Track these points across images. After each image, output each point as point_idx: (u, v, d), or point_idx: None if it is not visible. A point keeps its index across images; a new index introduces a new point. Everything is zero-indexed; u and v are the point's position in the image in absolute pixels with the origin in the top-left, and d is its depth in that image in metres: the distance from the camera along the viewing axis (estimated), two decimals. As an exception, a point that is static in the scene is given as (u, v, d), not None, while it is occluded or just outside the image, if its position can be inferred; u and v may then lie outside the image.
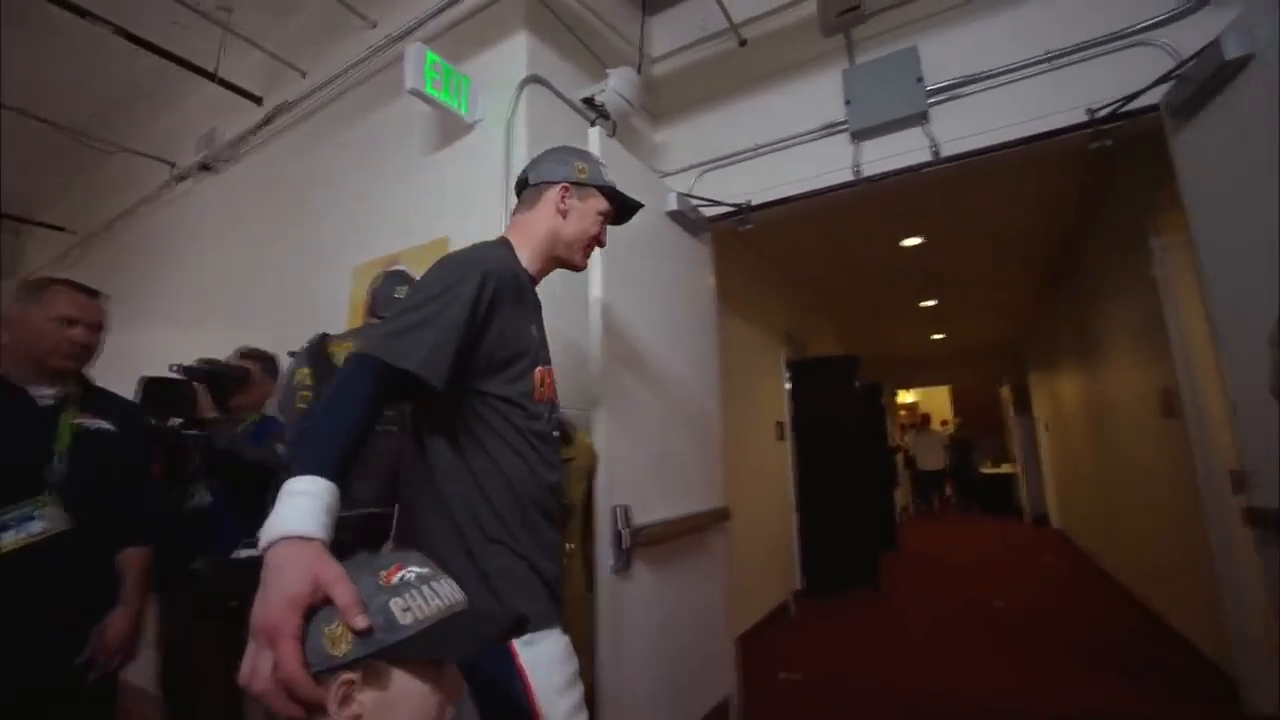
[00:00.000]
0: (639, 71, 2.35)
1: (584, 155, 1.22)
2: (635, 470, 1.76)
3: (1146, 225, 2.83)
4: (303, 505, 0.70)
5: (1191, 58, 1.61)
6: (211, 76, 2.65)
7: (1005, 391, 9.54)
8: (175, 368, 1.93)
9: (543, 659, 0.93)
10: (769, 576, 4.08)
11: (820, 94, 2.35)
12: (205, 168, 2.94)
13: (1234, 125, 1.53)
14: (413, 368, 0.85)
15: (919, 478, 10.09)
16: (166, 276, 3.26)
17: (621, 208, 1.27)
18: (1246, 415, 1.59)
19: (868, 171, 2.21)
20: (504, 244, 1.12)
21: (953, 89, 2.10)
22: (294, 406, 1.48)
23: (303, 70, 2.66)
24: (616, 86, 2.12)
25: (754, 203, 2.42)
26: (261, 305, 2.62)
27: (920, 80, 2.11)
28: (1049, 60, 1.97)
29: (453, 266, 0.98)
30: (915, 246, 4.36)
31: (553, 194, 1.16)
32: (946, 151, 2.08)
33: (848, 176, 2.25)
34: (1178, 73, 1.68)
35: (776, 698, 2.79)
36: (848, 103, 2.23)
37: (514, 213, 1.21)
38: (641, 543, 1.70)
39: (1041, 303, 6.38)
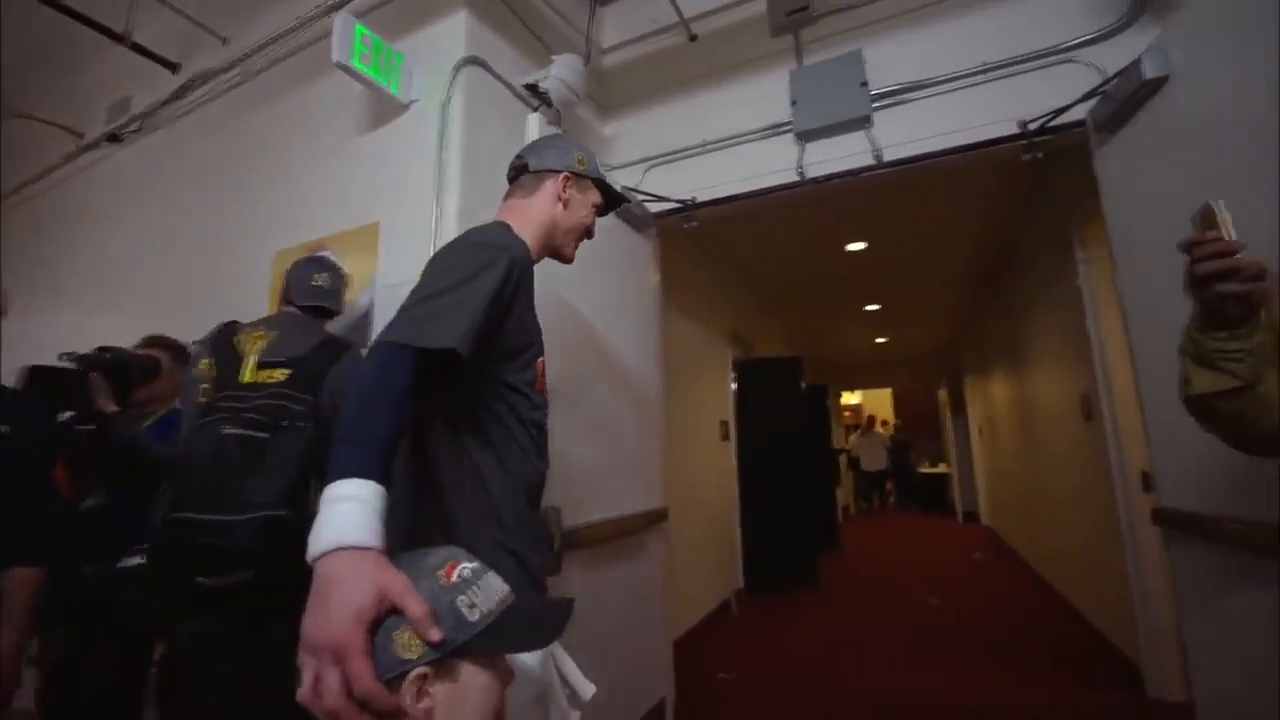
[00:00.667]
0: (587, 61, 2.29)
1: (582, 146, 1.22)
2: (568, 470, 1.71)
3: (1072, 236, 2.96)
4: (355, 512, 0.66)
5: (1114, 76, 1.68)
6: (121, 39, 2.44)
7: (943, 394, 9.93)
8: (67, 356, 1.76)
9: (522, 665, 0.89)
10: (712, 575, 4.10)
11: (767, 94, 2.35)
12: (115, 138, 2.71)
13: (1151, 142, 1.59)
14: (453, 344, 0.80)
15: (862, 477, 10.39)
16: (72, 256, 3.00)
17: (608, 201, 1.27)
18: (1155, 419, 1.66)
19: (812, 173, 2.22)
20: (507, 228, 1.07)
21: (896, 95, 2.13)
22: (194, 400, 1.36)
23: (224, 37, 2.49)
24: (560, 74, 2.06)
25: (699, 199, 2.40)
26: (175, 290, 2.43)
27: (865, 84, 2.13)
28: (985, 72, 2.02)
29: (480, 249, 0.94)
30: (859, 251, 4.46)
31: (554, 183, 1.16)
32: (888, 156, 2.11)
33: (792, 177, 2.25)
34: (1102, 90, 1.74)
35: (713, 698, 2.79)
36: (794, 103, 2.23)
37: (508, 197, 1.19)
38: (574, 545, 1.65)
39: (977, 309, 6.65)
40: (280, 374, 1.38)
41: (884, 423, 10.70)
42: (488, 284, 0.89)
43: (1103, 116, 1.74)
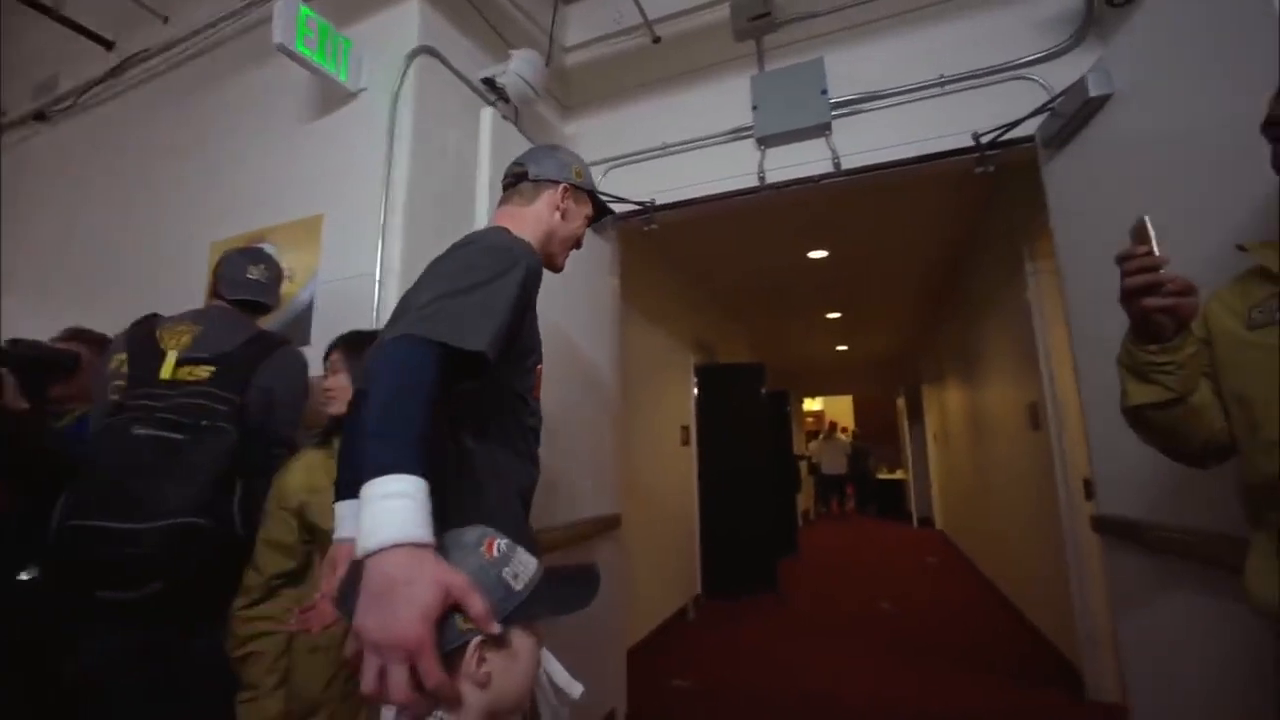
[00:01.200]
0: (549, 59, 2.25)
1: (577, 157, 1.24)
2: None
3: (1022, 250, 3.04)
4: (406, 508, 0.65)
5: (1062, 93, 1.72)
6: (50, 12, 2.30)
7: (901, 402, 10.14)
8: (-29, 348, 1.62)
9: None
10: (670, 581, 4.07)
11: (729, 98, 2.35)
12: (41, 116, 2.54)
13: (1095, 158, 1.63)
14: (483, 348, 0.79)
15: (822, 482, 10.53)
16: (-9, 242, 2.80)
17: (598, 212, 1.28)
18: (1096, 429, 1.70)
19: (772, 179, 2.22)
20: (510, 233, 1.05)
21: (855, 104, 2.14)
22: (105, 398, 1.27)
23: (164, 15, 2.36)
24: (519, 69, 2.01)
25: (659, 202, 2.37)
26: (104, 280, 2.29)
27: (825, 92, 2.14)
28: (941, 85, 2.05)
29: (498, 252, 0.93)
30: (821, 259, 4.51)
31: (553, 193, 1.17)
32: (847, 165, 2.12)
33: (753, 182, 2.25)
34: (1049, 106, 1.78)
35: (667, 706, 2.75)
36: (755, 108, 2.23)
37: (504, 203, 1.19)
38: (520, 552, 1.59)
39: (934, 319, 6.81)
40: (203, 371, 1.30)
41: (843, 430, 10.89)
42: (509, 288, 0.89)
43: (1050, 132, 1.78)
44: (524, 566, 0.68)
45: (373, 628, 0.60)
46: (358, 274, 1.69)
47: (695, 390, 4.79)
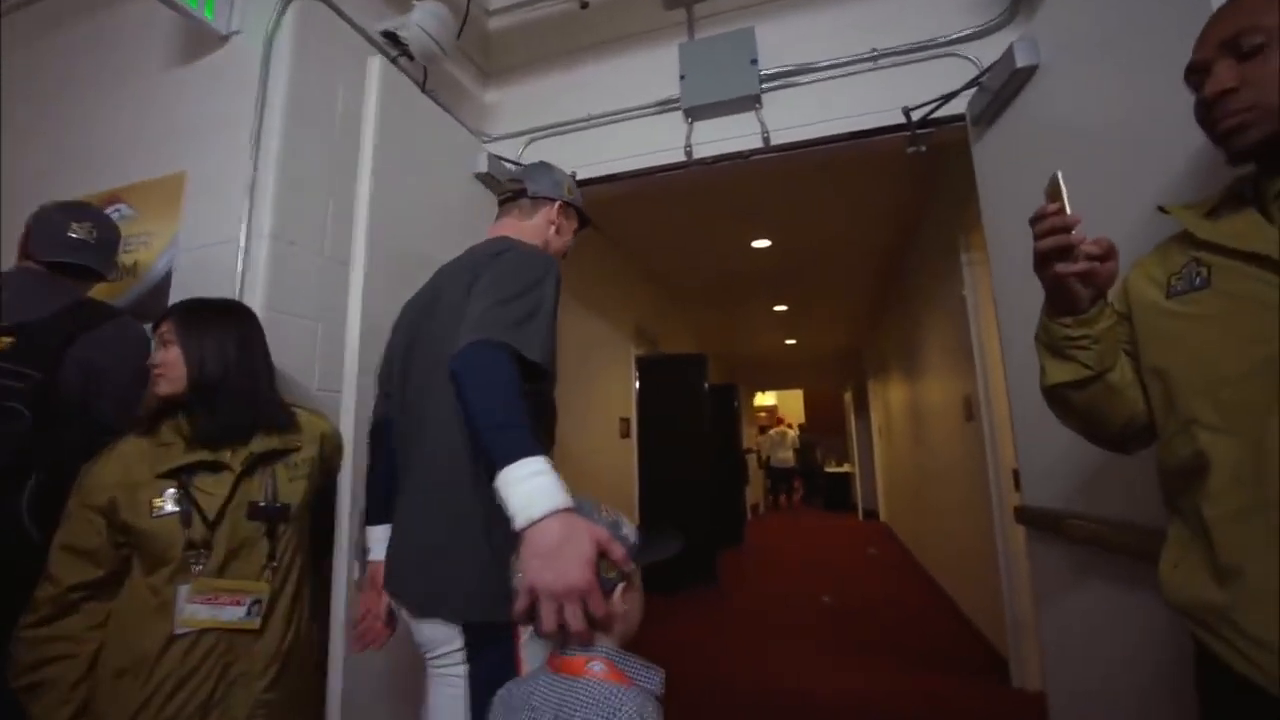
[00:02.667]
0: (466, 18, 2.06)
1: (568, 176, 1.37)
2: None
3: (958, 240, 3.02)
4: (551, 483, 0.79)
5: (990, 67, 1.64)
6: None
7: (848, 396, 10.29)
8: None
9: (537, 652, 0.88)
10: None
11: (658, 69, 2.21)
12: None
13: (1023, 135, 1.57)
14: (538, 360, 0.92)
15: (772, 474, 10.61)
16: None
17: (581, 223, 1.40)
18: (1021, 416, 1.64)
19: (700, 153, 2.10)
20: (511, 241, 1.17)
21: (786, 76, 2.04)
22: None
23: (13, -53, 2.07)
24: (421, 21, 1.82)
25: (581, 176, 2.22)
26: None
27: (755, 62, 2.03)
28: (874, 59, 1.96)
29: (533, 261, 1.04)
30: (764, 249, 4.44)
31: (550, 209, 1.29)
32: (776, 140, 2.02)
33: (680, 157, 2.12)
34: (979, 80, 1.71)
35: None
36: (682, 78, 2.10)
37: (503, 215, 1.31)
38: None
39: (879, 313, 6.88)
40: (1, 342, 1.09)
41: (788, 424, 11.03)
42: (550, 295, 1.01)
43: (979, 108, 1.71)
44: (628, 528, 0.84)
45: (550, 580, 0.73)
46: (222, 240, 1.48)
47: (636, 382, 4.67)
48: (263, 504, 1.12)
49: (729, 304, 6.10)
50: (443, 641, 0.95)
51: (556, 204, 1.30)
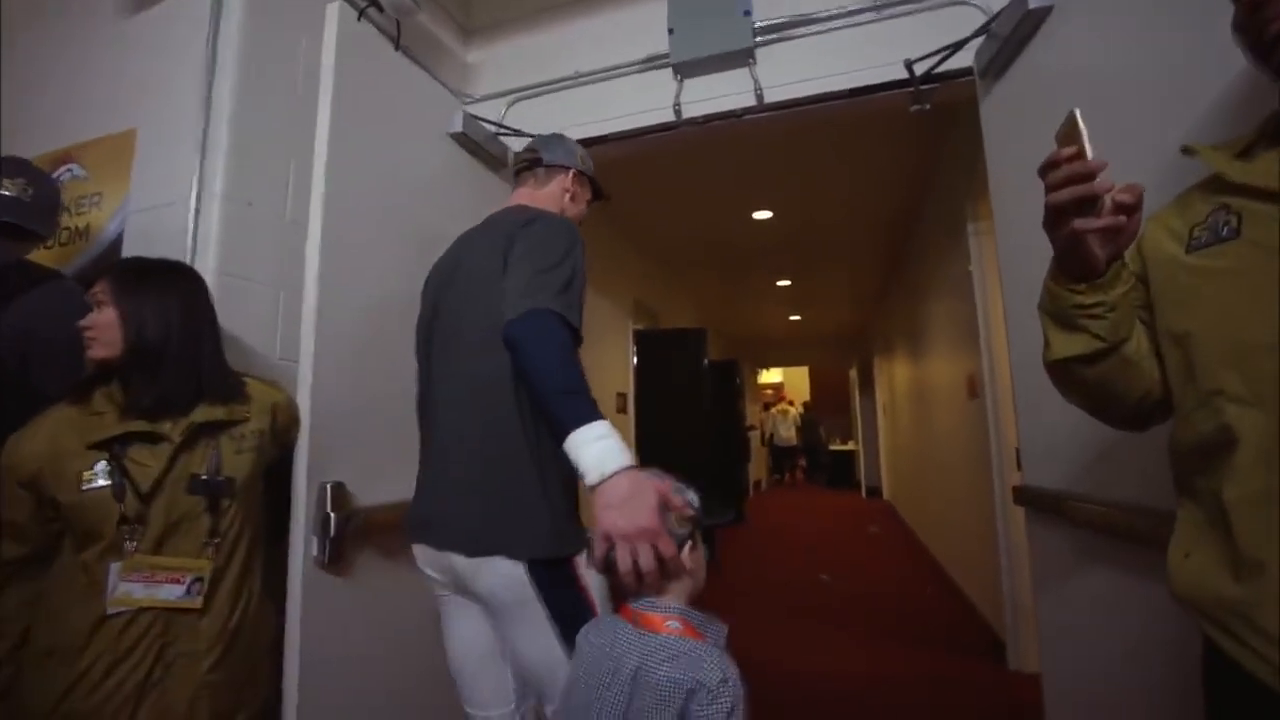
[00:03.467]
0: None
1: (580, 147, 1.42)
2: (363, 437, 1.41)
3: (965, 209, 2.89)
4: (616, 444, 0.90)
5: (1000, 11, 1.51)
6: None
7: (853, 374, 10.18)
8: None
9: (594, 581, 1.04)
10: (601, 554, 3.91)
11: (647, 23, 2.07)
12: None
13: (1033, 86, 1.44)
14: (578, 325, 1.03)
15: (775, 452, 10.56)
16: None
17: (595, 194, 1.45)
18: (1024, 393, 1.56)
19: (689, 113, 1.98)
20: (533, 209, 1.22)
21: (781, 29, 1.91)
22: None
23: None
24: (390, -33, 1.71)
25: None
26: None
27: (748, 14, 1.90)
28: (876, 9, 1.83)
29: (562, 230, 1.11)
30: (766, 221, 4.31)
31: (564, 177, 1.35)
32: (770, 98, 1.89)
33: (669, 116, 2.00)
34: (988, 27, 1.58)
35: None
36: (671, 32, 1.97)
37: (520, 185, 1.38)
38: (366, 530, 1.37)
39: (884, 289, 6.74)
40: (-86, 307, 1.02)
41: (790, 402, 10.99)
42: (581, 262, 1.09)
43: (987, 59, 1.58)
44: (691, 493, 0.91)
45: (625, 525, 0.83)
46: (172, 200, 1.39)
47: (634, 356, 4.58)
48: (204, 477, 1.05)
49: (731, 278, 5.98)
50: (496, 584, 1.02)
51: (570, 172, 1.36)
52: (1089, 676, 1.29)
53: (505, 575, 1.01)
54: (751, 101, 1.91)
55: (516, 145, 2.16)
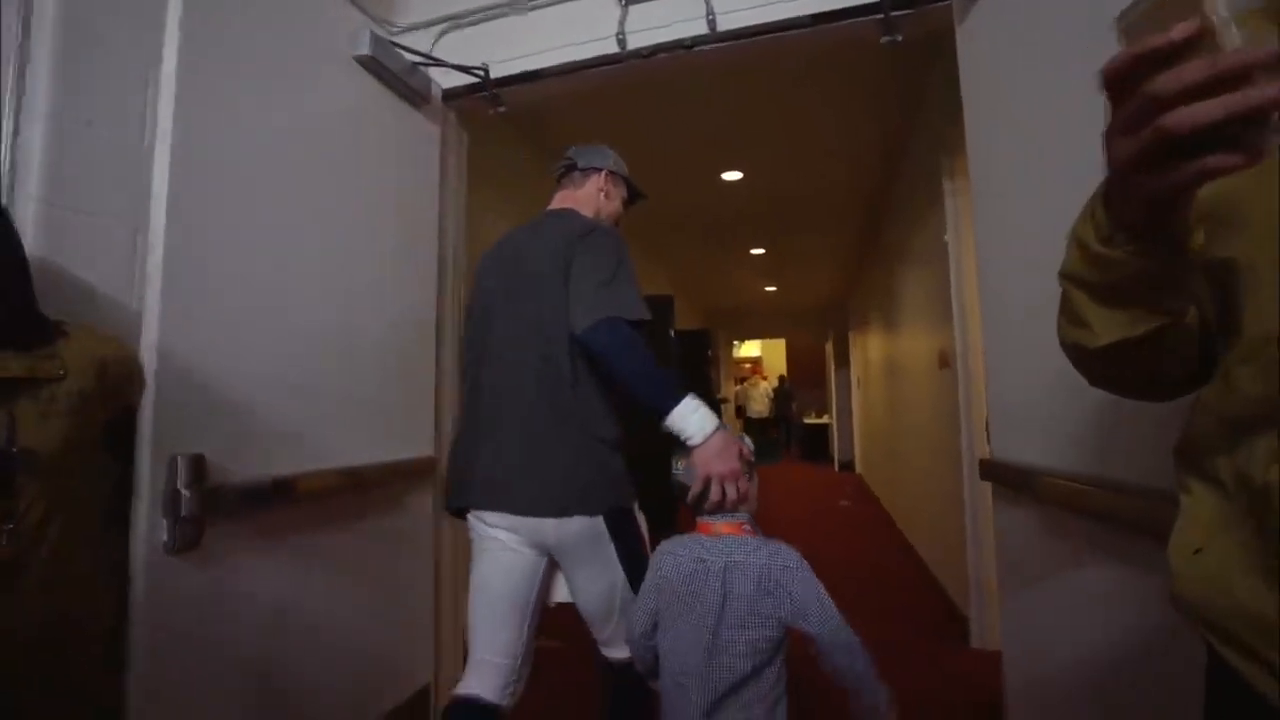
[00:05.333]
0: None
1: (613, 151, 1.56)
2: (234, 402, 1.21)
3: (941, 166, 2.71)
4: (706, 412, 1.17)
5: (982, -82, 1.32)
6: None
7: (829, 347, 10.10)
8: None
9: (643, 523, 1.34)
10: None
11: (591, -61, 1.84)
12: None
13: (1018, 9, 1.26)
14: (642, 317, 1.25)
15: (748, 425, 10.52)
16: None
17: (631, 195, 1.59)
18: (994, 368, 1.42)
19: (634, 43, 1.77)
20: (578, 214, 1.43)
21: (738, -54, 1.69)
22: None
23: None
24: None
25: (499, 74, 1.88)
26: None
27: (700, -71, 1.67)
28: (844, -76, 1.62)
29: (611, 242, 1.33)
30: (736, 182, 4.10)
31: (598, 178, 1.51)
32: (724, 25, 1.68)
33: (612, 48, 1.78)
34: (967, -62, 1.38)
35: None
36: (614, -53, 1.74)
37: (561, 189, 1.53)
38: (236, 510, 1.18)
39: (860, 261, 6.59)
40: None
41: (763, 376, 10.95)
42: (630, 265, 1.31)
43: (965, -23, 1.39)
44: (747, 442, 1.18)
45: (721, 469, 1.11)
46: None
47: (598, 325, 4.38)
48: (-11, 448, 0.85)
49: (702, 245, 5.77)
50: (577, 536, 1.24)
51: (604, 173, 1.52)
52: (1045, 647, 1.24)
53: (587, 527, 1.24)
54: (703, 29, 1.70)
55: (445, 80, 1.93)
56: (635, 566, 1.23)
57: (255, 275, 1.28)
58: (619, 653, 1.31)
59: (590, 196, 1.50)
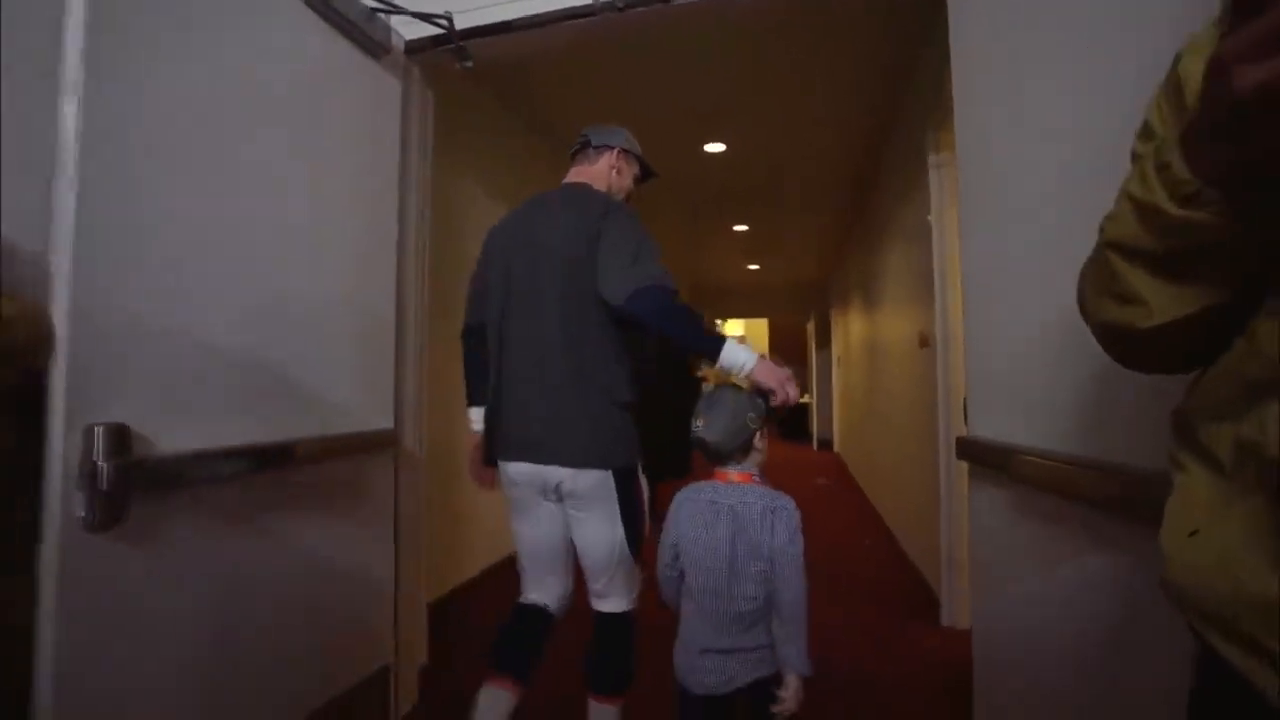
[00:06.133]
0: None
1: (626, 130, 1.68)
2: (163, 364, 1.12)
3: (926, 139, 2.64)
4: (747, 346, 1.34)
5: None
6: None
7: (810, 327, 10.10)
8: None
9: (645, 485, 1.51)
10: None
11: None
12: None
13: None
14: (673, 286, 1.37)
15: (729, 405, 10.50)
16: None
17: (644, 174, 1.73)
18: (973, 345, 1.37)
19: (609, -6, 1.66)
20: (592, 188, 1.57)
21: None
22: None
23: None
24: None
25: (465, 25, 1.76)
26: None
27: None
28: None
29: (630, 219, 1.45)
30: (719, 155, 3.99)
31: (610, 155, 1.63)
32: (704, -24, 1.59)
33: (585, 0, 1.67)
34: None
35: (480, 656, 2.41)
36: (589, -111, 1.63)
37: (575, 164, 1.64)
38: (164, 483, 1.09)
39: (843, 242, 6.54)
40: None
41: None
42: (651, 238, 1.43)
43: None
44: (760, 400, 1.30)
45: (770, 379, 1.29)
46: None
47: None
48: None
49: (683, 220, 5.66)
50: (589, 486, 1.41)
51: (616, 150, 1.62)
52: (1013, 625, 1.23)
53: (597, 479, 1.40)
54: (683, -20, 1.60)
55: (408, 31, 1.81)
56: (633, 523, 1.44)
57: (188, 237, 1.18)
58: (608, 605, 1.50)
59: (603, 172, 1.61)
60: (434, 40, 1.82)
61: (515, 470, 1.46)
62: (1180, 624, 0.47)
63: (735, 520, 1.20)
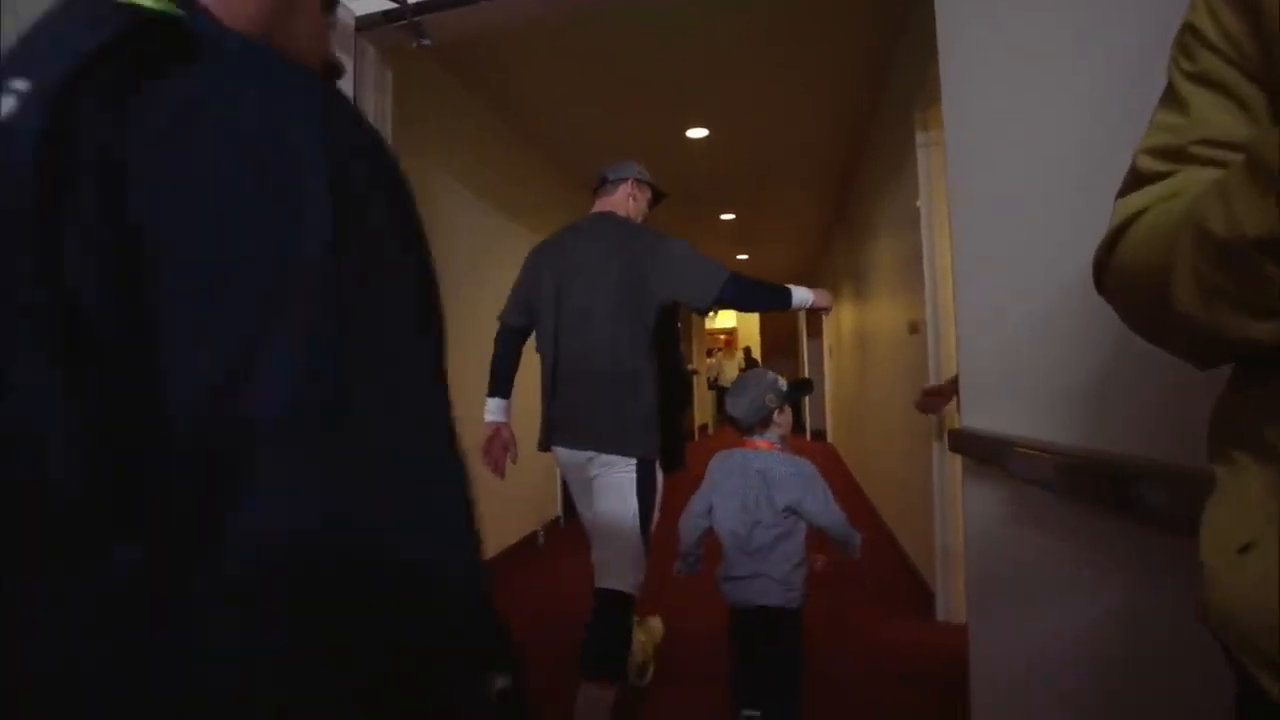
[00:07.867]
0: None
1: (636, 163, 1.97)
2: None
3: (914, 118, 2.55)
4: (806, 289, 1.82)
5: None
6: None
7: (801, 316, 10.04)
8: None
9: (661, 477, 1.78)
10: (517, 506, 3.63)
11: None
12: None
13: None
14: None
15: (722, 395, 10.51)
16: None
17: (656, 197, 2.03)
18: (966, 334, 1.29)
19: (572, -38, 1.55)
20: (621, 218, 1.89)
21: None
22: None
23: None
24: None
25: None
26: None
27: None
28: None
29: (680, 242, 1.79)
30: (702, 140, 3.89)
31: (627, 185, 1.92)
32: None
33: (547, -32, 1.56)
34: None
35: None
36: None
37: (599, 197, 1.94)
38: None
39: (833, 226, 6.46)
40: None
41: (728, 345, 10.97)
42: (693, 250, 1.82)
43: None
44: (782, 381, 1.62)
45: (826, 304, 1.90)
46: None
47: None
48: None
49: (670, 209, 5.52)
50: (617, 466, 1.70)
51: (630, 180, 1.91)
52: (1011, 620, 1.19)
53: (623, 465, 1.69)
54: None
55: (358, 6, 1.69)
56: (646, 503, 1.70)
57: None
58: (611, 582, 1.71)
59: (622, 200, 1.90)
60: (385, 15, 1.70)
61: (564, 454, 1.79)
62: (1182, 622, 0.39)
63: (761, 478, 1.52)
